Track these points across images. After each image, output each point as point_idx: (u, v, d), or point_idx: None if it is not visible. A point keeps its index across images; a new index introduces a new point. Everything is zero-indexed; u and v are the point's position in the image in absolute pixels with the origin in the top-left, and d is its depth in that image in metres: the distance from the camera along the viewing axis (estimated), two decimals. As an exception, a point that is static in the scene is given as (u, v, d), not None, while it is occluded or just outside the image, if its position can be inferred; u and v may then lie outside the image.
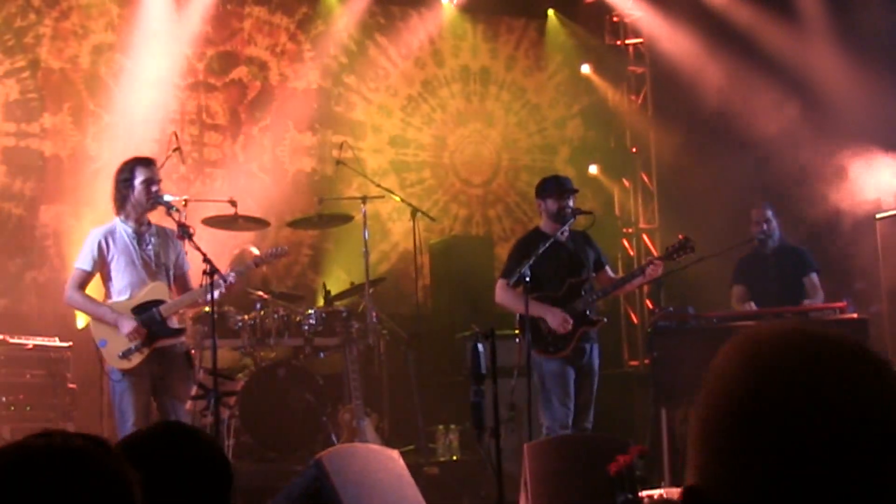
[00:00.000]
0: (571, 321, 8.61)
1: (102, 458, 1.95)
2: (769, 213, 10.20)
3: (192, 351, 8.87)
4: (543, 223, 8.94)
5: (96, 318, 8.09)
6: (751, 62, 12.26)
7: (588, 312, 8.82)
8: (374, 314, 10.54)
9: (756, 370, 1.41)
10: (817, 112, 11.61)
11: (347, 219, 11.02)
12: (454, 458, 10.53)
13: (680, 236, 8.90)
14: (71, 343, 9.89)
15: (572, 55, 14.17)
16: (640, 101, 14.34)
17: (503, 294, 8.80)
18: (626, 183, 14.40)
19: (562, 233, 8.82)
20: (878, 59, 11.51)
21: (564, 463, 7.36)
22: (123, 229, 8.12)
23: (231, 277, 8.00)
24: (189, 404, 8.00)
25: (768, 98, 11.93)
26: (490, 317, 9.32)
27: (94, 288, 8.28)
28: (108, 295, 8.17)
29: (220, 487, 2.84)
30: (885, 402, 1.37)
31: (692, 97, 12.67)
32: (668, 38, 13.45)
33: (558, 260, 8.77)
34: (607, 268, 9.17)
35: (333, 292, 10.69)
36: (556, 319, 8.60)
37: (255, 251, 10.06)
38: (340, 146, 10.92)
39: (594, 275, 9.03)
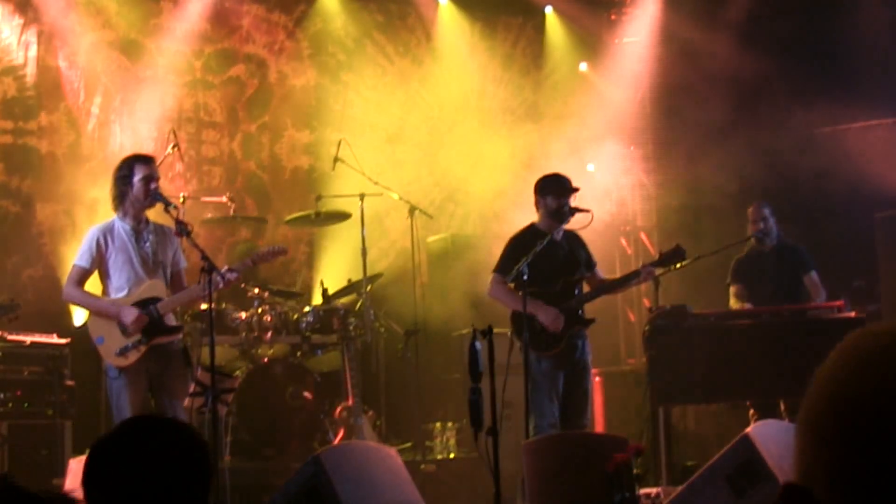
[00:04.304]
0: (563, 320, 8.62)
1: None
2: (766, 212, 10.20)
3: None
4: (540, 220, 8.92)
5: (96, 313, 8.10)
6: (753, 56, 12.27)
7: (581, 312, 8.82)
8: (371, 312, 10.56)
9: (864, 369, 1.37)
10: (826, 105, 11.61)
11: (345, 216, 11.03)
12: (451, 455, 10.54)
13: (674, 243, 8.90)
14: (69, 340, 9.89)
15: (570, 53, 14.16)
16: (638, 100, 14.33)
17: (498, 288, 8.80)
18: (624, 181, 14.39)
19: (557, 231, 8.82)
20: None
21: (562, 461, 7.37)
22: (121, 227, 8.12)
23: (231, 275, 7.99)
24: (186, 401, 8.00)
25: (771, 93, 11.95)
26: (488, 315, 9.31)
27: (93, 285, 8.28)
28: (105, 292, 8.17)
29: (196, 478, 2.83)
30: None
31: (690, 95, 12.67)
32: (667, 34, 13.45)
33: (554, 258, 8.76)
34: (597, 269, 9.16)
35: (331, 290, 10.69)
36: (548, 317, 8.59)
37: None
38: (338, 144, 10.91)
39: (588, 275, 9.03)
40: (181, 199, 10.08)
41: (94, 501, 2.71)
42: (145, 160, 8.22)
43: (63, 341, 9.86)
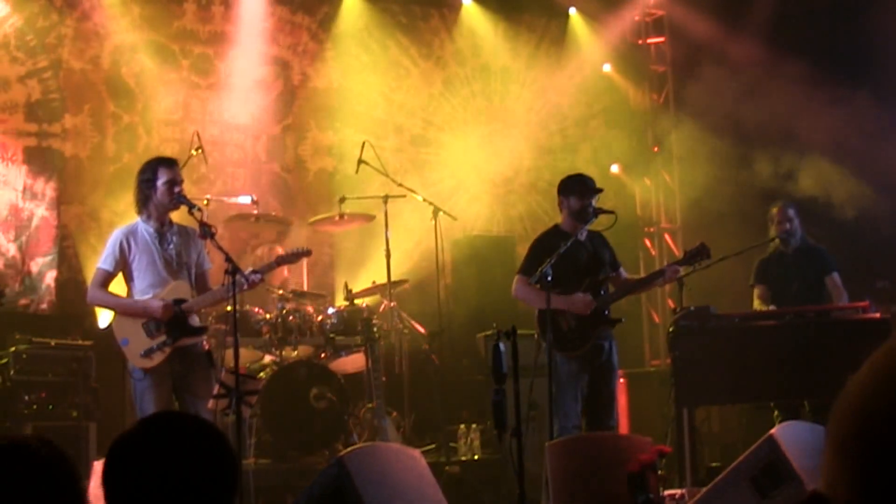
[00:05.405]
0: (592, 300, 8.59)
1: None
2: (791, 212, 10.14)
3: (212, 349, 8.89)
4: (564, 221, 8.90)
5: (123, 312, 8.09)
6: (778, 56, 12.23)
7: (606, 312, 8.78)
8: (395, 313, 10.56)
9: (888, 384, 1.35)
10: (851, 107, 11.56)
11: (369, 218, 11.04)
12: (475, 457, 10.52)
13: (698, 242, 8.87)
14: (93, 342, 9.92)
15: (593, 54, 14.14)
16: (661, 100, 14.31)
17: (523, 289, 8.76)
18: (648, 182, 14.38)
19: (581, 232, 8.79)
20: None
21: (586, 462, 7.35)
22: (145, 229, 8.13)
23: (255, 277, 7.99)
24: (210, 403, 8.00)
25: (791, 94, 11.90)
26: (512, 316, 9.29)
27: (117, 288, 8.29)
28: (130, 295, 8.17)
29: (220, 477, 2.78)
30: None
31: (714, 95, 12.63)
32: (691, 34, 13.42)
33: (578, 259, 8.73)
34: (621, 269, 9.13)
35: (355, 291, 10.69)
36: (577, 304, 8.57)
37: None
38: (362, 145, 10.91)
39: (613, 275, 9.01)
40: (205, 202, 10.09)
41: (113, 500, 2.68)
42: (169, 163, 8.22)
43: (87, 343, 9.89)
